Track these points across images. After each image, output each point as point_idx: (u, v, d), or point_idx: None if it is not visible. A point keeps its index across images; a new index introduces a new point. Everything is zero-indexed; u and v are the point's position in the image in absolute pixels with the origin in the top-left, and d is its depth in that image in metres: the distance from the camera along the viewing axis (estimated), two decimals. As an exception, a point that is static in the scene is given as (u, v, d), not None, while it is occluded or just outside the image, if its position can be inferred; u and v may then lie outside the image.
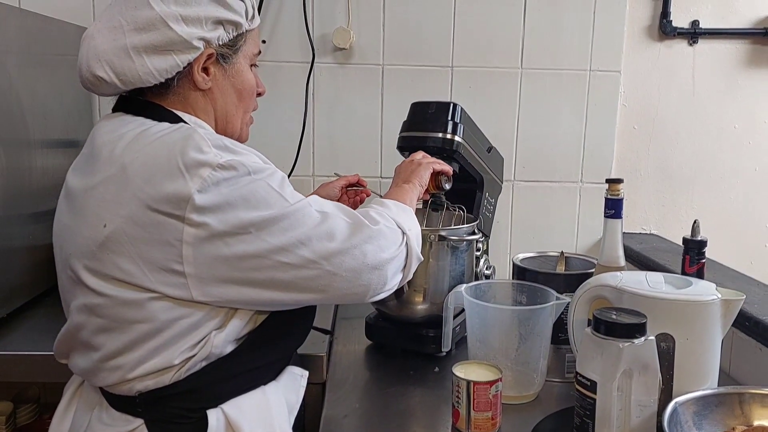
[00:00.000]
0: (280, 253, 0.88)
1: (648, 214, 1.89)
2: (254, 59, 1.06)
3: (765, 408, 0.92)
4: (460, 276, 1.29)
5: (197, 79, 0.97)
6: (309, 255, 0.90)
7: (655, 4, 1.79)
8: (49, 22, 1.46)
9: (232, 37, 0.99)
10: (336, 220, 0.94)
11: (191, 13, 0.93)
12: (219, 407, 0.92)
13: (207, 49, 0.96)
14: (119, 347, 0.89)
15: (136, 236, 0.85)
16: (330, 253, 0.91)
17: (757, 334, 1.17)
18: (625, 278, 1.03)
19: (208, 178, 0.85)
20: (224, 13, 0.97)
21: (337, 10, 1.73)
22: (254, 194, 0.88)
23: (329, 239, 0.91)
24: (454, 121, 1.32)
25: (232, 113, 1.04)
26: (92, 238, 0.88)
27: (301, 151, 1.76)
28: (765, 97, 1.84)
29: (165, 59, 0.93)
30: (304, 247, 0.89)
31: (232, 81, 1.02)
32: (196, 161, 0.85)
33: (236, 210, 0.86)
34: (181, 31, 0.92)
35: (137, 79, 0.93)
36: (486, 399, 0.98)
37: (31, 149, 1.37)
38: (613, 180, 1.15)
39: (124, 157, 0.88)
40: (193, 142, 0.87)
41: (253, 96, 1.07)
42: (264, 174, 0.90)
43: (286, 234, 0.89)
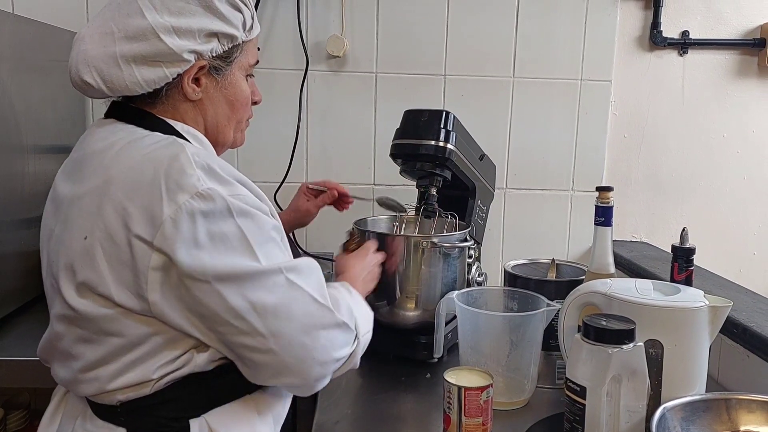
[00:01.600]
0: (230, 314, 0.83)
1: (638, 222, 1.90)
2: (250, 69, 1.03)
3: (752, 414, 0.92)
4: (452, 283, 1.30)
5: (187, 91, 0.95)
6: (259, 326, 0.84)
7: (646, 14, 1.82)
8: (42, 28, 1.47)
9: (227, 49, 0.96)
10: (303, 298, 0.87)
11: (184, 25, 0.91)
12: (202, 417, 0.90)
13: (198, 61, 0.93)
14: (98, 358, 0.87)
15: (111, 253, 0.83)
16: (281, 333, 0.84)
17: (745, 340, 1.18)
18: (614, 285, 1.04)
19: (183, 206, 0.81)
20: (219, 26, 0.94)
21: (331, 18, 1.75)
22: (225, 240, 0.83)
23: (287, 318, 0.85)
24: (447, 129, 1.33)
25: (224, 124, 1.01)
26: (73, 248, 0.86)
27: (295, 157, 1.77)
28: (753, 107, 1.86)
29: (154, 70, 0.91)
30: (257, 316, 0.83)
31: (224, 92, 0.99)
32: (176, 184, 0.82)
33: (201, 251, 0.82)
34: (172, 44, 0.90)
35: (124, 87, 0.91)
36: (477, 405, 0.99)
37: (23, 155, 1.37)
38: (603, 188, 1.16)
39: (111, 169, 0.86)
40: (178, 163, 0.84)
41: (246, 106, 1.04)
42: (245, 219, 0.85)
43: (244, 296, 0.83)
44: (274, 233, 0.90)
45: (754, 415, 0.93)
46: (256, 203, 0.88)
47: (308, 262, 0.92)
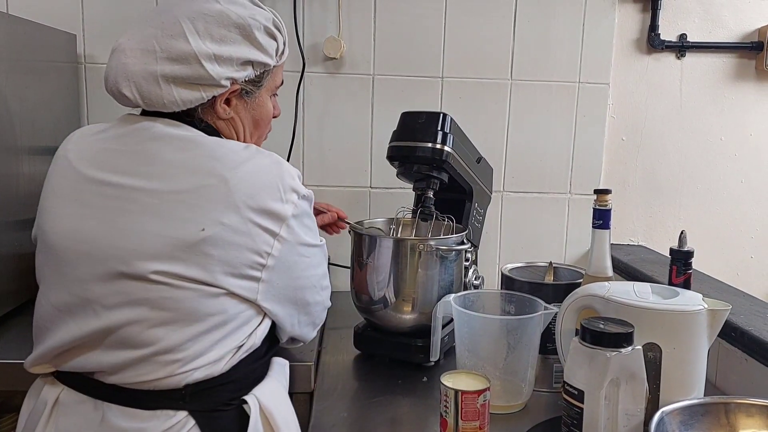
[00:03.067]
0: (317, 276, 1.07)
1: (636, 225, 1.90)
2: (276, 90, 1.13)
3: (750, 418, 0.92)
4: (448, 286, 1.29)
5: (219, 111, 1.03)
6: (326, 284, 1.11)
7: (644, 17, 1.81)
8: (38, 28, 1.46)
9: (259, 74, 1.05)
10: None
11: (224, 53, 0.98)
12: (252, 393, 1.00)
13: (233, 86, 1.02)
14: (181, 339, 0.93)
15: (230, 242, 0.93)
16: (327, 290, 1.13)
17: (743, 344, 1.17)
18: (612, 288, 1.03)
19: (298, 205, 0.99)
20: (256, 55, 1.02)
21: (328, 19, 1.74)
22: (312, 225, 1.05)
23: (327, 278, 1.13)
24: (444, 131, 1.33)
25: (249, 137, 1.11)
26: (180, 239, 0.92)
27: (291, 160, 1.76)
28: (751, 110, 1.86)
29: (192, 92, 0.98)
30: (325, 278, 1.11)
31: (252, 113, 1.09)
32: (290, 187, 0.98)
33: (308, 234, 1.03)
34: (212, 70, 0.97)
35: (161, 104, 0.98)
36: (474, 408, 0.98)
37: (18, 156, 1.36)
38: (601, 191, 1.16)
39: (224, 170, 0.95)
40: (285, 169, 1.00)
41: (269, 123, 1.14)
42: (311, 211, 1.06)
43: (320, 263, 1.08)
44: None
45: (753, 419, 0.92)
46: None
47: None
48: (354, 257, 1.33)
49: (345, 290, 1.40)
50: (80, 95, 1.72)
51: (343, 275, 1.73)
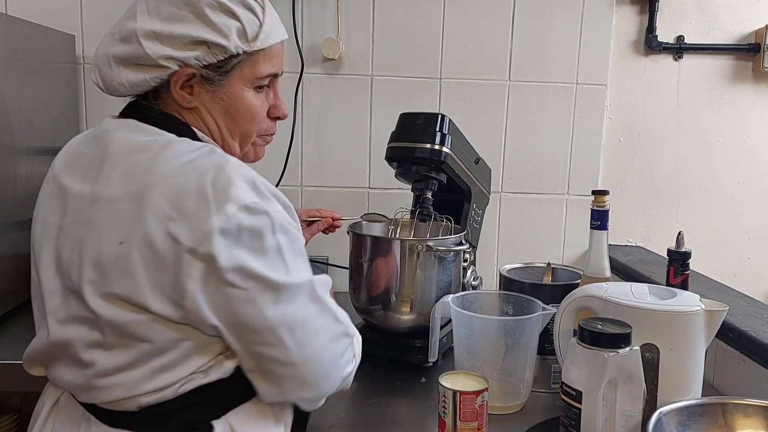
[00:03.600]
0: (263, 324, 0.85)
1: (633, 226, 1.90)
2: (259, 82, 0.97)
3: (747, 418, 0.92)
4: (447, 286, 1.29)
5: (177, 98, 0.93)
6: (287, 339, 0.86)
7: (641, 19, 1.82)
8: (36, 28, 1.46)
9: (221, 58, 0.92)
10: (326, 314, 0.91)
11: (166, 31, 0.89)
12: (224, 418, 0.89)
13: (184, 69, 0.91)
14: (120, 364, 0.86)
15: (150, 260, 0.82)
16: (306, 347, 0.87)
17: (741, 345, 1.18)
18: (610, 289, 1.03)
19: (232, 217, 0.82)
20: (207, 34, 0.90)
21: (326, 20, 1.74)
22: (265, 253, 0.85)
23: (314, 332, 0.88)
24: (443, 132, 1.33)
25: (228, 133, 0.98)
26: (103, 252, 0.84)
27: (289, 161, 1.76)
28: (748, 112, 1.87)
29: (135, 74, 0.91)
30: (286, 328, 0.86)
31: (221, 104, 0.95)
32: (224, 195, 0.82)
33: (244, 261, 0.83)
34: (149, 49, 0.89)
35: (113, 88, 0.92)
36: (472, 409, 0.98)
37: (16, 156, 1.36)
38: (598, 191, 1.16)
39: (151, 175, 0.85)
40: (225, 173, 0.84)
41: (253, 121, 0.99)
42: (283, 235, 0.86)
43: (278, 308, 0.85)
44: (303, 249, 0.92)
45: (750, 419, 0.93)
46: (290, 219, 0.89)
47: (326, 277, 0.94)
48: (352, 258, 1.33)
49: (343, 291, 1.40)
50: (78, 96, 1.72)
51: (342, 276, 1.73)
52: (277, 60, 0.99)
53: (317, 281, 0.91)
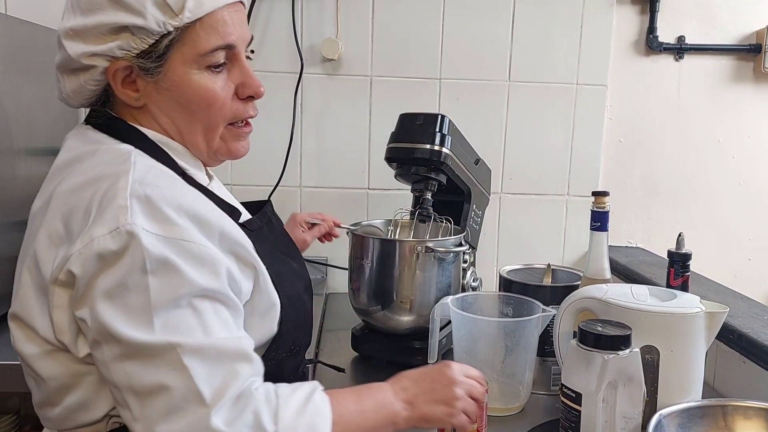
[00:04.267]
0: (110, 379, 0.72)
1: (634, 227, 1.90)
2: (210, 59, 0.82)
3: (748, 420, 0.92)
4: (446, 288, 1.29)
5: (122, 98, 0.83)
6: (132, 404, 0.71)
7: (642, 19, 1.81)
8: (35, 29, 1.45)
9: (151, 42, 0.79)
10: (184, 387, 0.70)
11: (81, 25, 0.79)
12: None
13: (114, 63, 0.79)
14: (41, 399, 0.80)
15: (36, 281, 0.75)
16: (148, 420, 0.70)
17: (741, 347, 1.17)
18: (610, 291, 1.03)
19: (95, 242, 0.70)
20: (120, 17, 0.77)
21: (325, 21, 1.74)
22: (124, 294, 0.70)
23: (161, 406, 0.70)
24: (442, 132, 1.32)
25: (187, 129, 0.85)
26: (17, 272, 0.79)
27: (289, 161, 1.76)
28: (749, 112, 1.86)
29: (73, 80, 0.82)
30: (132, 393, 0.71)
31: (169, 94, 0.82)
32: (101, 214, 0.71)
33: (97, 301, 0.70)
34: (70, 49, 0.79)
35: (65, 100, 0.85)
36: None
37: (14, 157, 1.36)
38: (598, 192, 1.15)
39: (57, 188, 0.77)
40: (114, 188, 0.72)
41: (214, 106, 0.85)
42: (160, 275, 0.70)
43: (124, 368, 0.70)
44: (197, 299, 0.72)
45: (751, 421, 0.92)
46: (201, 253, 0.73)
47: (234, 346, 0.74)
48: (352, 259, 1.33)
49: (343, 292, 1.40)
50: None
51: (341, 277, 1.73)
52: (226, 28, 0.82)
53: (196, 345, 0.71)
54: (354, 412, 0.81)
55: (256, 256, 0.84)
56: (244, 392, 0.72)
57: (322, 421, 0.76)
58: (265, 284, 0.85)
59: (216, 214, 0.80)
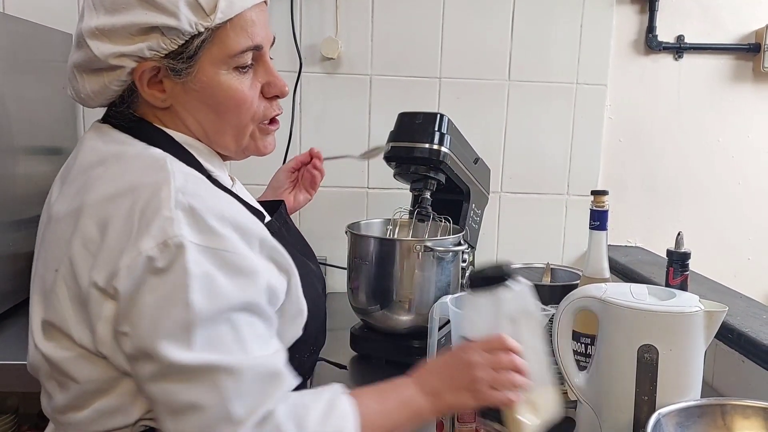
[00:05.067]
0: (147, 394, 0.72)
1: (633, 226, 1.90)
2: (239, 60, 0.82)
3: (747, 419, 0.92)
4: (445, 287, 1.29)
5: (148, 99, 0.81)
6: (166, 420, 0.71)
7: (642, 18, 1.81)
8: (34, 28, 1.45)
9: (181, 43, 0.78)
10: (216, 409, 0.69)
11: (110, 25, 0.77)
12: None
13: (143, 64, 0.78)
14: (68, 403, 0.79)
15: (73, 290, 0.74)
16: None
17: (740, 346, 1.17)
18: (609, 290, 1.03)
19: (142, 254, 0.69)
20: (152, 18, 0.76)
21: (325, 20, 1.74)
22: (166, 309, 0.69)
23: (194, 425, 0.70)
24: (441, 131, 1.32)
25: (214, 131, 0.85)
26: (46, 278, 0.78)
27: (287, 160, 1.76)
28: (749, 112, 1.86)
29: (95, 80, 0.80)
30: (167, 409, 0.71)
31: (197, 96, 0.82)
32: (147, 225, 0.70)
33: (141, 318, 0.70)
34: (96, 49, 0.77)
35: (82, 100, 0.83)
36: (470, 410, 0.98)
37: (15, 156, 1.36)
38: (598, 192, 1.16)
39: (88, 194, 0.76)
40: (157, 198, 0.71)
41: (243, 107, 0.84)
42: (202, 290, 0.69)
43: (159, 384, 0.70)
44: (236, 313, 0.72)
45: (749, 420, 0.92)
46: (243, 265, 0.73)
47: (270, 366, 0.74)
48: (351, 258, 1.33)
49: (341, 291, 1.40)
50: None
51: (340, 276, 1.73)
52: (254, 29, 0.83)
53: (231, 365, 0.70)
54: (379, 413, 0.81)
55: (291, 260, 0.82)
56: (270, 411, 0.72)
57: (348, 426, 0.76)
58: (296, 290, 0.84)
59: (253, 221, 0.79)
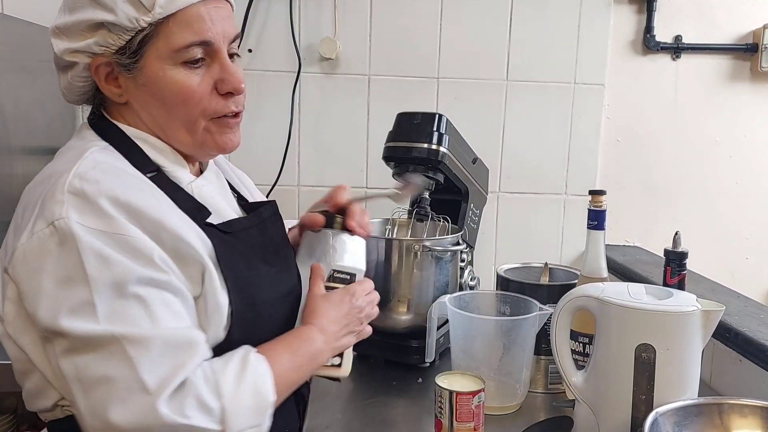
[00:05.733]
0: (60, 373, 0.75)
1: (631, 226, 1.90)
2: (184, 55, 0.82)
3: (744, 418, 0.92)
4: (444, 286, 1.29)
5: (107, 94, 0.86)
6: (79, 399, 0.73)
7: (639, 18, 1.82)
8: (32, 28, 1.45)
9: (127, 39, 0.81)
10: (129, 379, 0.71)
11: (64, 23, 0.83)
12: None
13: (95, 60, 0.82)
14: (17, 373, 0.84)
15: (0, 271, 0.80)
16: (96, 414, 0.72)
17: (737, 345, 1.18)
18: (607, 289, 1.03)
19: (35, 236, 0.74)
20: (96, 15, 0.80)
21: (323, 20, 1.74)
22: (67, 286, 0.72)
23: (107, 398, 0.71)
24: (440, 131, 1.33)
25: (166, 126, 0.87)
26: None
27: (287, 160, 1.76)
28: (746, 112, 1.87)
29: (63, 77, 0.87)
30: (79, 386, 0.73)
31: (147, 90, 0.84)
32: (42, 209, 0.75)
33: (40, 295, 0.73)
34: (56, 47, 0.84)
35: (64, 96, 0.90)
36: (468, 409, 0.98)
37: (12, 156, 1.36)
38: (595, 191, 1.16)
39: (29, 184, 0.83)
40: (58, 183, 0.76)
41: (190, 102, 0.85)
42: (101, 266, 0.72)
43: (71, 360, 0.73)
44: (141, 287, 0.74)
45: (747, 419, 0.92)
46: (135, 245, 0.75)
47: (182, 336, 0.75)
48: (349, 258, 1.33)
49: (340, 291, 1.39)
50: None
51: (339, 276, 1.73)
52: (201, 25, 0.83)
53: (138, 335, 0.72)
54: (291, 368, 0.86)
55: (204, 255, 0.82)
56: (186, 379, 0.74)
57: (263, 382, 0.79)
58: (211, 283, 0.83)
59: (157, 209, 0.80)
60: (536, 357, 1.18)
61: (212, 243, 0.84)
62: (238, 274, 0.86)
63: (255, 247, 0.93)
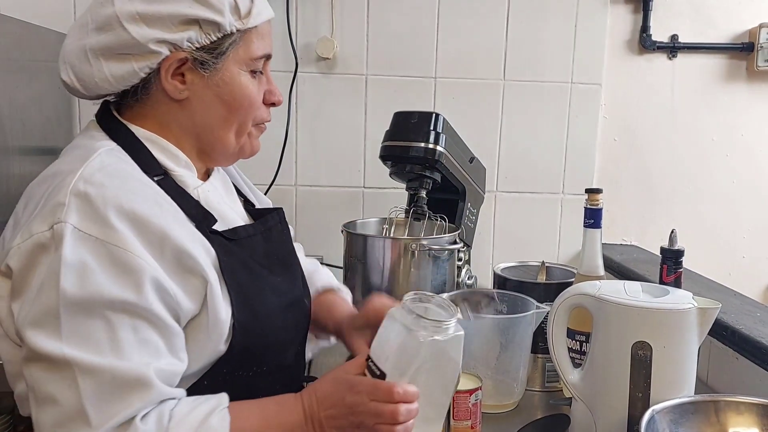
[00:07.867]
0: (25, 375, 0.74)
1: (628, 225, 1.90)
2: (255, 64, 0.89)
3: (740, 416, 0.92)
4: (441, 285, 1.29)
5: (168, 89, 0.84)
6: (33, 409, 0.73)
7: (635, 18, 1.82)
8: (28, 27, 1.45)
9: (214, 39, 0.84)
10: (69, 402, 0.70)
11: (153, 11, 0.80)
12: None
13: (176, 53, 0.82)
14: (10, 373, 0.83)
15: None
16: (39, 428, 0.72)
17: (734, 343, 1.18)
18: (603, 287, 1.03)
19: (31, 239, 0.73)
20: (198, 11, 0.81)
21: (321, 19, 1.74)
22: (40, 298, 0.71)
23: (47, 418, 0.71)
24: (437, 131, 1.33)
25: (218, 127, 0.89)
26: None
27: (284, 160, 1.76)
28: (742, 111, 1.87)
29: (122, 65, 0.82)
30: (33, 398, 0.72)
31: (216, 91, 0.86)
32: (43, 209, 0.74)
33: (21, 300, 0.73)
34: (136, 33, 0.80)
35: (94, 85, 0.83)
36: (466, 407, 0.98)
37: (8, 156, 1.36)
38: (592, 190, 1.16)
39: (31, 183, 0.83)
40: (63, 183, 0.75)
41: (250, 108, 0.90)
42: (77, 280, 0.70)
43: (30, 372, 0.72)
44: (111, 311, 0.71)
45: (743, 417, 0.93)
46: (125, 260, 0.73)
47: (137, 374, 0.71)
48: (346, 257, 1.33)
49: (338, 290, 1.39)
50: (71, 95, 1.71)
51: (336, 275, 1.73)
52: (268, 39, 0.91)
53: (89, 365, 0.70)
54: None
55: (208, 267, 0.80)
56: (130, 423, 0.71)
57: None
58: (212, 298, 0.80)
59: (162, 218, 0.78)
60: (533, 355, 1.18)
61: (216, 252, 0.83)
62: (241, 284, 0.85)
63: (259, 255, 0.91)
